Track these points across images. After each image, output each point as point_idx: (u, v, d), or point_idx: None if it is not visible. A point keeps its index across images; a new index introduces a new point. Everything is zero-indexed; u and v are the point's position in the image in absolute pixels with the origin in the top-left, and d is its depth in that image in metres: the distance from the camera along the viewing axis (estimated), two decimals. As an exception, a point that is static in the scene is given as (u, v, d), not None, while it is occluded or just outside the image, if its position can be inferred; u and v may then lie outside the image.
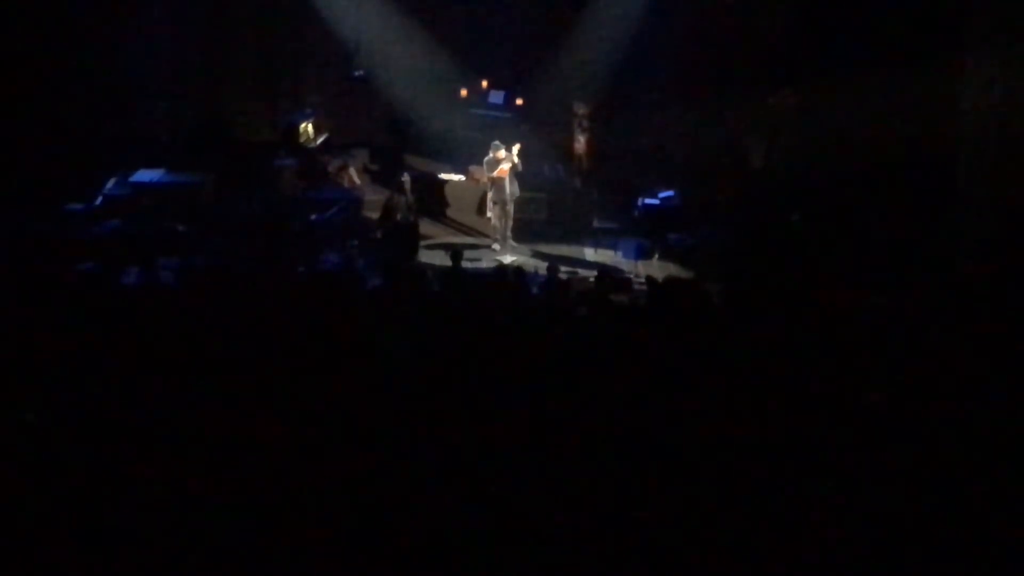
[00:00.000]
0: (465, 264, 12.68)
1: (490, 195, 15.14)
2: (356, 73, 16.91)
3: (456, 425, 7.07)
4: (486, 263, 14.16)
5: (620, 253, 14.87)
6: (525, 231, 15.39)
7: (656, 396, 7.56)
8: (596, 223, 15.66)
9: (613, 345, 8.68)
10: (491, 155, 14.93)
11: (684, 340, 8.73)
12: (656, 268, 14.13)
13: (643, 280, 12.26)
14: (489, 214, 15.26)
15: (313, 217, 14.69)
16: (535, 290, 11.35)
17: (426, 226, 15.43)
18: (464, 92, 17.19)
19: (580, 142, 16.84)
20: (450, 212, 16.19)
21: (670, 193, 15.56)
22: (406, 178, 15.30)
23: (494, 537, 6.12)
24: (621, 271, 13.87)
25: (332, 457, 6.68)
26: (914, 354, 8.51)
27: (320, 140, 16.68)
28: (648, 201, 15.42)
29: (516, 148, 14.87)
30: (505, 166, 14.83)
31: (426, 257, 14.51)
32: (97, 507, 6.19)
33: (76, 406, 7.09)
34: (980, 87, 13.12)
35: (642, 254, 14.70)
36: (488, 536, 6.12)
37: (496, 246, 15.09)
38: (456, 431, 7.00)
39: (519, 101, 17.09)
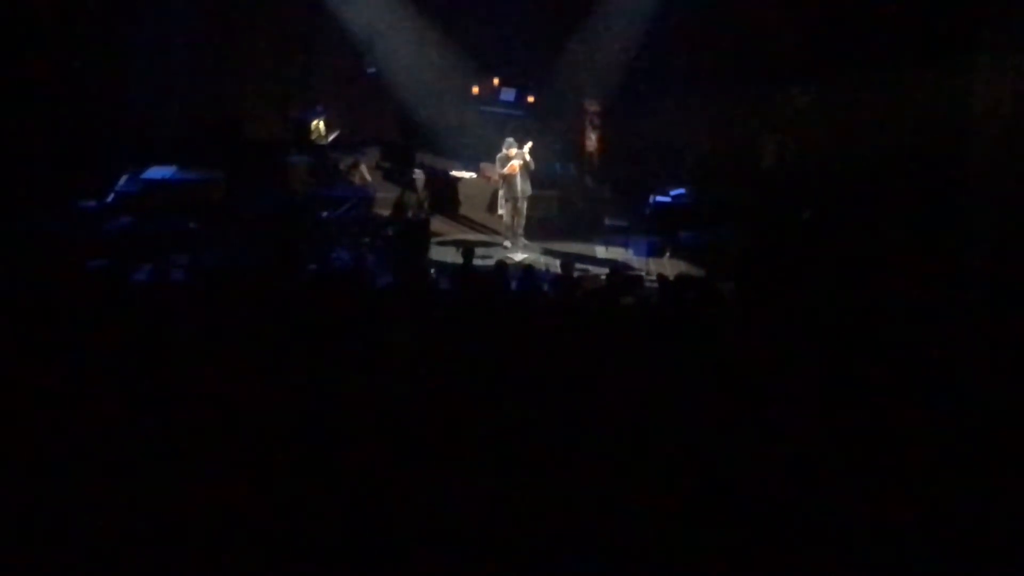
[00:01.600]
0: (477, 262, 12.67)
1: (501, 192, 15.14)
2: (368, 70, 16.92)
3: (465, 422, 7.08)
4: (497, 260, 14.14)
5: (631, 251, 14.87)
6: (536, 229, 15.38)
7: (666, 394, 7.56)
8: (607, 221, 15.64)
9: (624, 343, 8.69)
10: (503, 152, 14.94)
11: (695, 338, 8.73)
12: (667, 266, 14.11)
13: (654, 278, 12.25)
14: (501, 211, 15.26)
15: (324, 214, 14.69)
16: (546, 288, 11.34)
17: (437, 223, 15.42)
18: (476, 89, 17.18)
19: (591, 140, 16.83)
20: (462, 209, 16.18)
21: (682, 191, 15.54)
22: (418, 175, 15.31)
23: (500, 536, 6.12)
24: (632, 269, 13.85)
25: (341, 454, 6.69)
26: (925, 350, 8.50)
27: (331, 137, 16.68)
28: (660, 199, 15.41)
29: (527, 146, 14.88)
30: (515, 163, 14.83)
31: (438, 254, 14.48)
32: (103, 504, 6.22)
33: (86, 404, 7.11)
34: (993, 86, 13.07)
35: (653, 252, 14.70)
36: (494, 535, 6.13)
37: (507, 243, 15.08)
38: (465, 428, 7.01)
39: (531, 99, 17.06)
